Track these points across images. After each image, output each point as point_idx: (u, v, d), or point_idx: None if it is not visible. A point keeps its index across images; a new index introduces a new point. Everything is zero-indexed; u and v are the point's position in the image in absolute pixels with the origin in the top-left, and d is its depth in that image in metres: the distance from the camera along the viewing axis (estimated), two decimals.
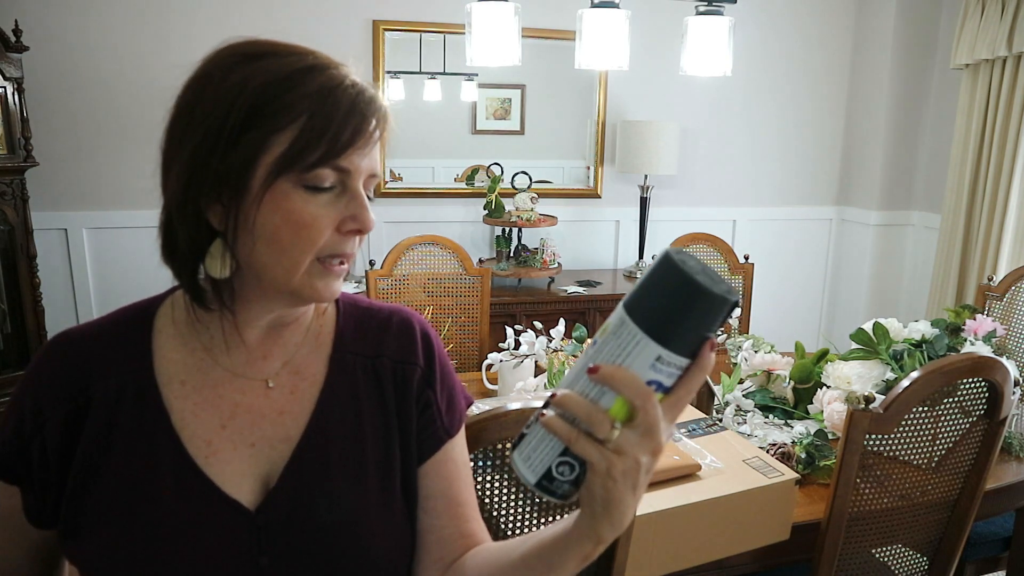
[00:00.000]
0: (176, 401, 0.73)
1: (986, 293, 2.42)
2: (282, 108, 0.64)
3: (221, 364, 0.75)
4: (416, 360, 0.81)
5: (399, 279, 2.60)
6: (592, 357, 0.54)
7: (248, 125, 0.65)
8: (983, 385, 1.40)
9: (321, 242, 0.68)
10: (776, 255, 3.88)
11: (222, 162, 0.65)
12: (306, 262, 0.68)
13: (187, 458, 0.71)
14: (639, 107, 3.57)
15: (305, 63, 0.67)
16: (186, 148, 0.66)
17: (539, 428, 0.56)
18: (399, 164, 3.41)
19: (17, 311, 2.70)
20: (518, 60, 2.12)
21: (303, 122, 0.64)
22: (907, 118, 3.64)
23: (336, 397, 0.77)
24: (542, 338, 1.95)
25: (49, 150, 2.91)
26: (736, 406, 1.86)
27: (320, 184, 0.66)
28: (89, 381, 0.72)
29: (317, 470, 0.74)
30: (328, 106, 0.65)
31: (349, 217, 0.68)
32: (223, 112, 0.65)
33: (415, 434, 0.80)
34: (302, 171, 0.65)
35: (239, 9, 3.02)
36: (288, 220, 0.66)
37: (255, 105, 0.65)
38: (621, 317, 0.53)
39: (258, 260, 0.68)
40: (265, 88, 0.65)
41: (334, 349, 0.79)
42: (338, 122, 0.65)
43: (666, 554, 1.30)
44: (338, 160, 0.66)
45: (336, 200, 0.68)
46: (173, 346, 0.74)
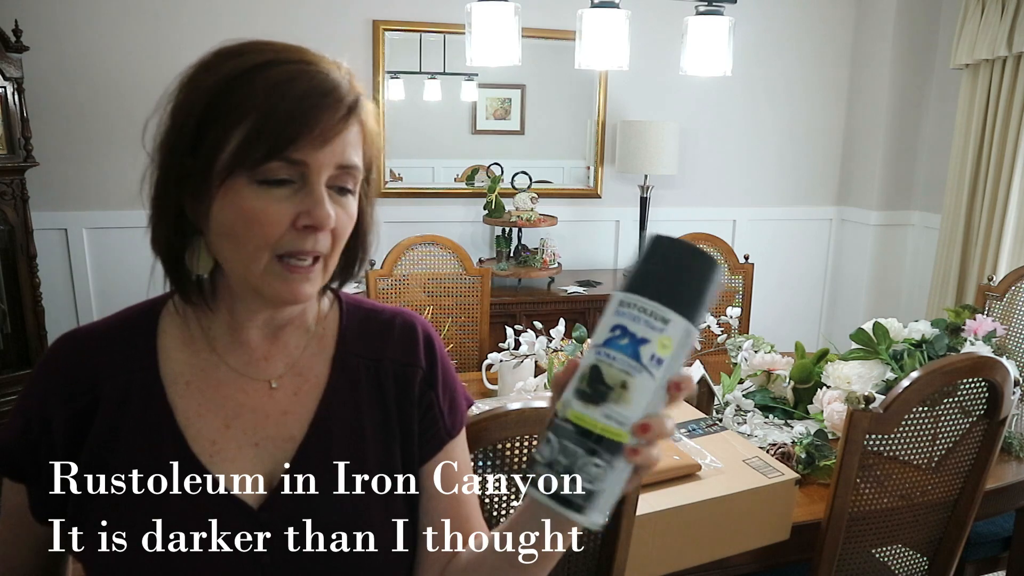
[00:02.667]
0: (181, 401, 0.73)
1: (986, 293, 2.42)
2: (234, 105, 0.66)
3: (225, 364, 0.75)
4: (418, 362, 0.81)
5: (399, 279, 2.60)
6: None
7: (207, 124, 0.66)
8: (983, 385, 1.40)
9: (274, 237, 0.67)
10: (776, 255, 3.88)
11: (191, 160, 0.67)
12: (263, 259, 0.68)
13: (192, 457, 0.72)
14: (639, 107, 3.57)
15: (264, 59, 0.67)
16: (162, 148, 0.69)
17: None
18: (399, 164, 3.41)
19: (17, 311, 2.70)
20: (518, 60, 2.12)
21: (252, 117, 0.65)
22: (907, 118, 3.64)
23: (338, 398, 0.78)
24: (542, 338, 1.95)
25: (49, 150, 2.90)
26: (736, 406, 1.86)
27: (272, 178, 0.66)
28: (96, 380, 0.73)
29: (320, 470, 0.74)
30: (275, 99, 0.65)
31: (303, 212, 0.67)
32: (186, 112, 0.67)
33: (417, 435, 0.80)
34: (253, 166, 0.65)
35: (239, 9, 3.02)
36: (239, 215, 0.66)
37: (210, 104, 0.66)
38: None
39: (221, 256, 0.70)
40: (220, 86, 0.66)
41: (337, 351, 0.80)
42: (284, 115, 0.65)
43: (666, 554, 1.30)
44: (288, 153, 0.65)
45: (294, 195, 0.67)
46: (178, 346, 0.75)
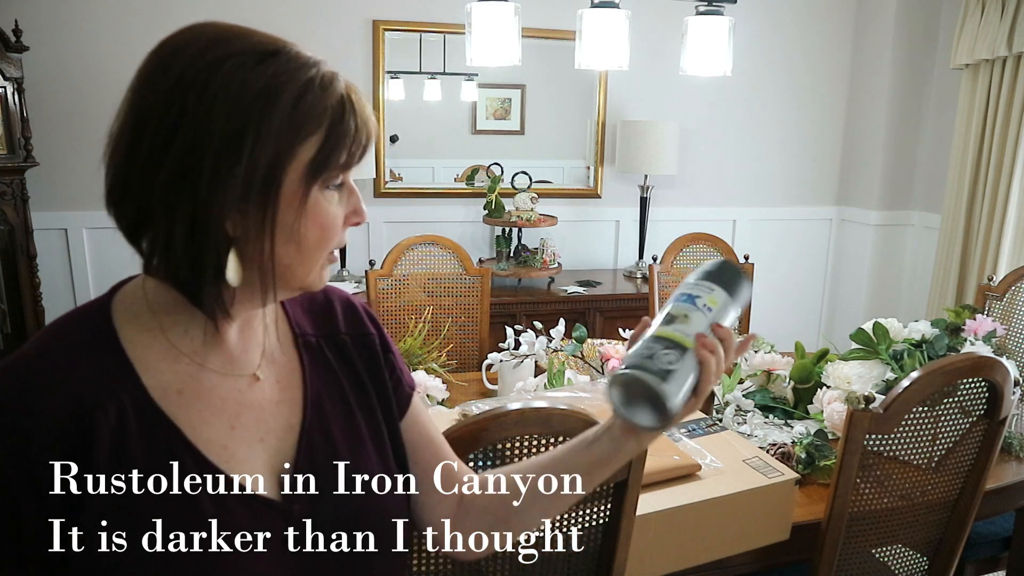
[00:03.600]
0: (180, 412, 0.69)
1: (986, 293, 2.42)
2: (309, 116, 0.66)
3: (208, 367, 0.73)
4: (369, 330, 0.86)
5: (399, 279, 2.60)
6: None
7: (271, 134, 0.64)
8: (983, 385, 1.40)
9: (338, 238, 0.72)
10: (776, 255, 3.88)
11: (239, 170, 0.63)
12: (323, 258, 0.72)
13: (213, 468, 0.70)
14: (639, 107, 3.57)
15: (313, 72, 0.67)
16: (206, 159, 0.63)
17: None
18: (399, 164, 3.41)
19: (17, 311, 2.71)
20: (518, 60, 2.12)
21: (326, 128, 0.67)
22: (907, 118, 3.64)
23: (319, 378, 0.80)
24: (542, 338, 1.95)
25: (49, 150, 2.91)
26: (736, 406, 1.86)
27: (336, 183, 0.70)
28: (81, 413, 0.64)
29: (325, 450, 0.77)
30: (351, 107, 0.68)
31: (352, 212, 0.72)
32: (224, 119, 0.62)
33: (391, 398, 0.85)
34: (338, 173, 0.69)
35: (239, 9, 3.02)
36: (316, 222, 0.69)
37: (275, 115, 0.64)
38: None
39: (279, 262, 0.68)
40: (291, 96, 0.64)
41: (294, 333, 0.81)
42: (363, 123, 0.69)
43: (666, 554, 1.30)
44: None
45: (341, 196, 0.72)
46: (155, 358, 0.70)
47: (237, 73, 0.63)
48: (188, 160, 0.63)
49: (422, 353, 2.05)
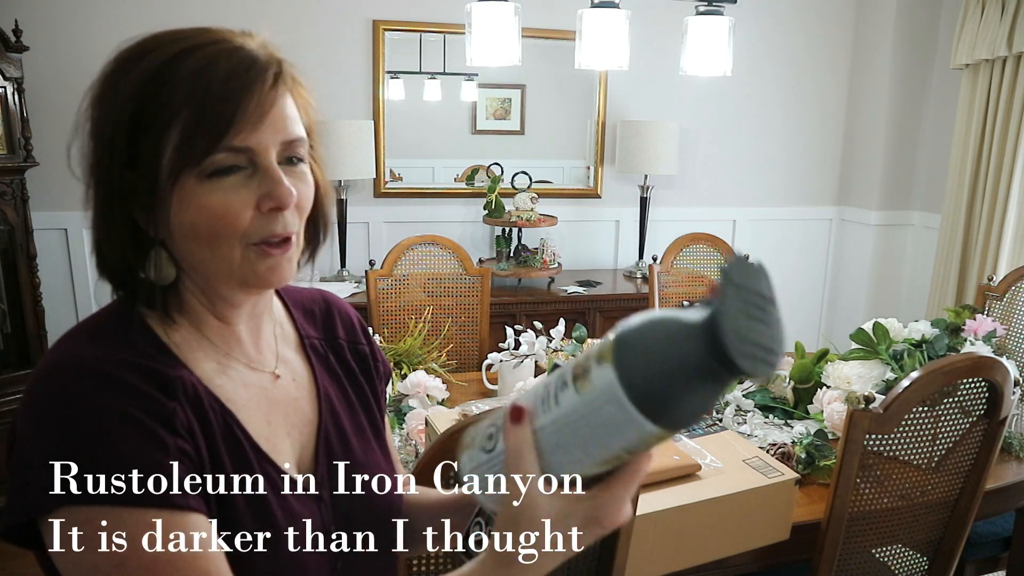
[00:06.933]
0: (230, 405, 0.70)
1: (986, 293, 2.42)
2: (162, 104, 0.63)
3: (238, 362, 0.74)
4: (363, 341, 0.89)
5: (399, 279, 2.60)
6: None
7: (139, 131, 0.64)
8: (983, 385, 1.40)
9: (243, 226, 0.65)
10: (776, 255, 3.88)
11: (131, 174, 0.65)
12: (237, 250, 0.66)
13: (272, 461, 0.72)
14: (639, 107, 3.57)
15: (176, 49, 0.65)
16: (96, 169, 0.68)
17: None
18: (399, 164, 3.41)
19: (17, 311, 2.70)
20: (518, 60, 2.12)
21: (184, 113, 0.62)
22: (907, 118, 3.64)
23: (326, 377, 0.82)
24: (542, 338, 1.95)
25: (49, 150, 2.90)
26: (736, 406, 1.86)
27: (219, 168, 0.64)
28: (163, 382, 0.64)
29: (341, 444, 0.79)
30: (200, 89, 0.63)
31: (264, 195, 0.65)
32: (112, 126, 0.65)
33: (382, 404, 0.89)
34: (198, 161, 0.63)
35: (238, 9, 3.02)
36: (201, 214, 0.64)
37: (136, 110, 0.64)
38: None
39: (195, 258, 0.67)
40: (141, 89, 0.64)
41: (298, 336, 0.83)
42: (215, 101, 0.63)
43: (666, 554, 1.30)
44: (229, 140, 0.63)
45: (248, 180, 0.65)
46: (197, 357, 0.70)
47: (116, 81, 0.67)
48: (92, 175, 0.68)
49: (422, 353, 2.05)
